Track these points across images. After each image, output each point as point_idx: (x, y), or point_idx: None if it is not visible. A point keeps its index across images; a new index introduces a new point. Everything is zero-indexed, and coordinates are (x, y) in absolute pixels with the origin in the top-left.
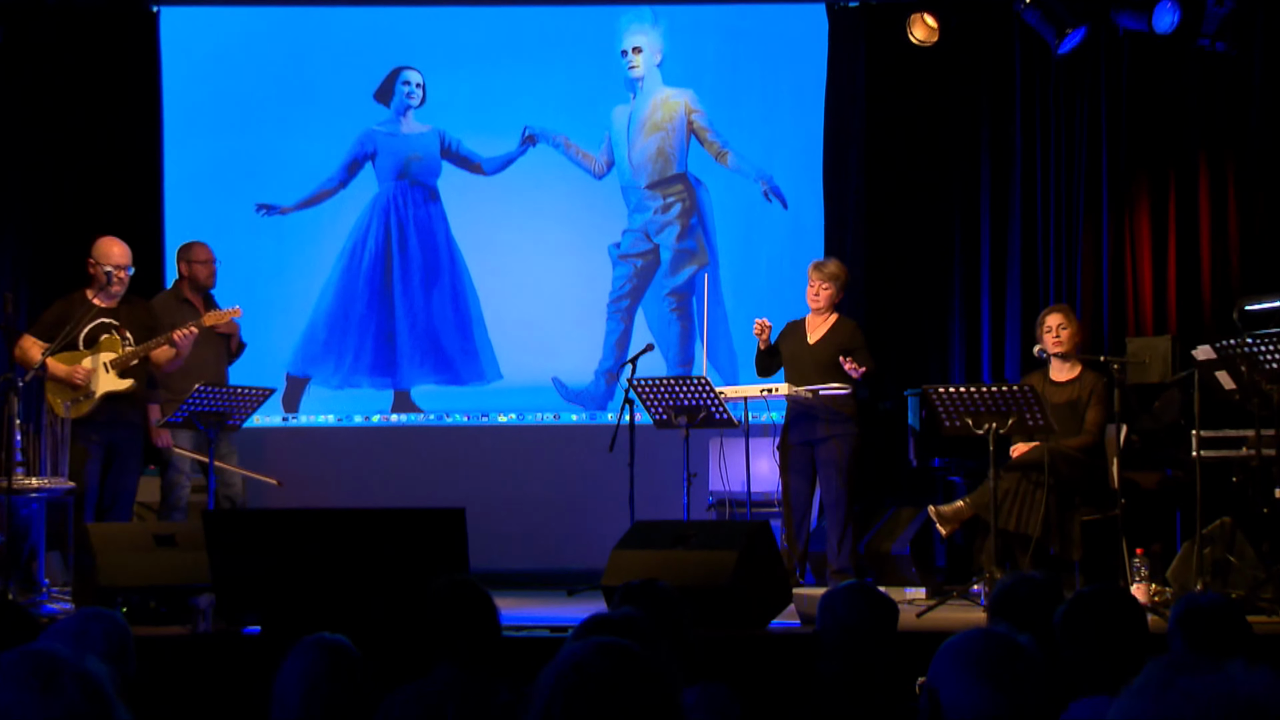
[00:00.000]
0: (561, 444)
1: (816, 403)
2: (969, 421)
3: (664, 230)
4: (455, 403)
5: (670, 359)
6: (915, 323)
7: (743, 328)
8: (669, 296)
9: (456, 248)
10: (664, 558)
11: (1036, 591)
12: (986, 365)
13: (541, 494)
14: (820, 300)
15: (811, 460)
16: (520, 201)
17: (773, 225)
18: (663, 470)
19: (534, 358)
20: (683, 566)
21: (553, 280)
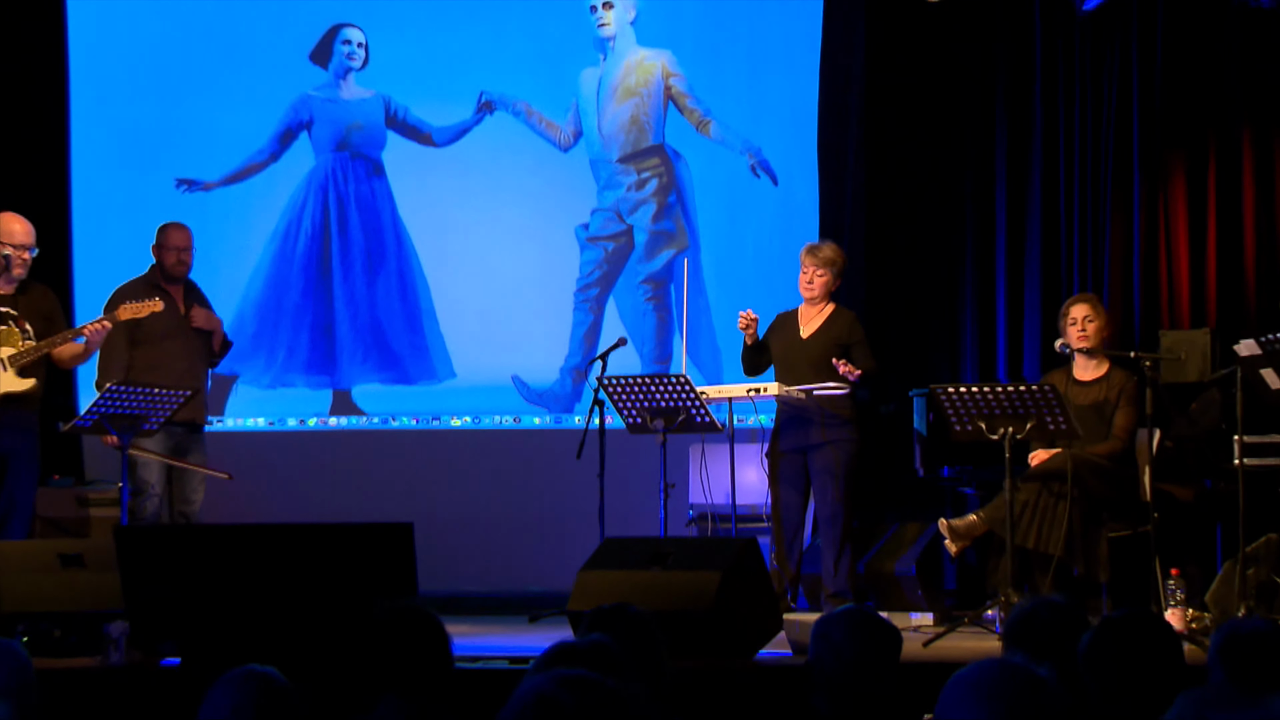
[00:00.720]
0: (522, 451)
1: (810, 404)
2: (982, 425)
3: (638, 209)
4: (402, 404)
5: (645, 355)
6: (921, 314)
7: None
8: (644, 284)
9: (404, 229)
10: (638, 579)
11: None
12: (1002, 362)
13: (499, 507)
14: (814, 289)
15: (804, 469)
16: (476, 177)
17: (761, 204)
18: (637, 480)
19: (491, 354)
20: (659, 589)
21: (512, 266)
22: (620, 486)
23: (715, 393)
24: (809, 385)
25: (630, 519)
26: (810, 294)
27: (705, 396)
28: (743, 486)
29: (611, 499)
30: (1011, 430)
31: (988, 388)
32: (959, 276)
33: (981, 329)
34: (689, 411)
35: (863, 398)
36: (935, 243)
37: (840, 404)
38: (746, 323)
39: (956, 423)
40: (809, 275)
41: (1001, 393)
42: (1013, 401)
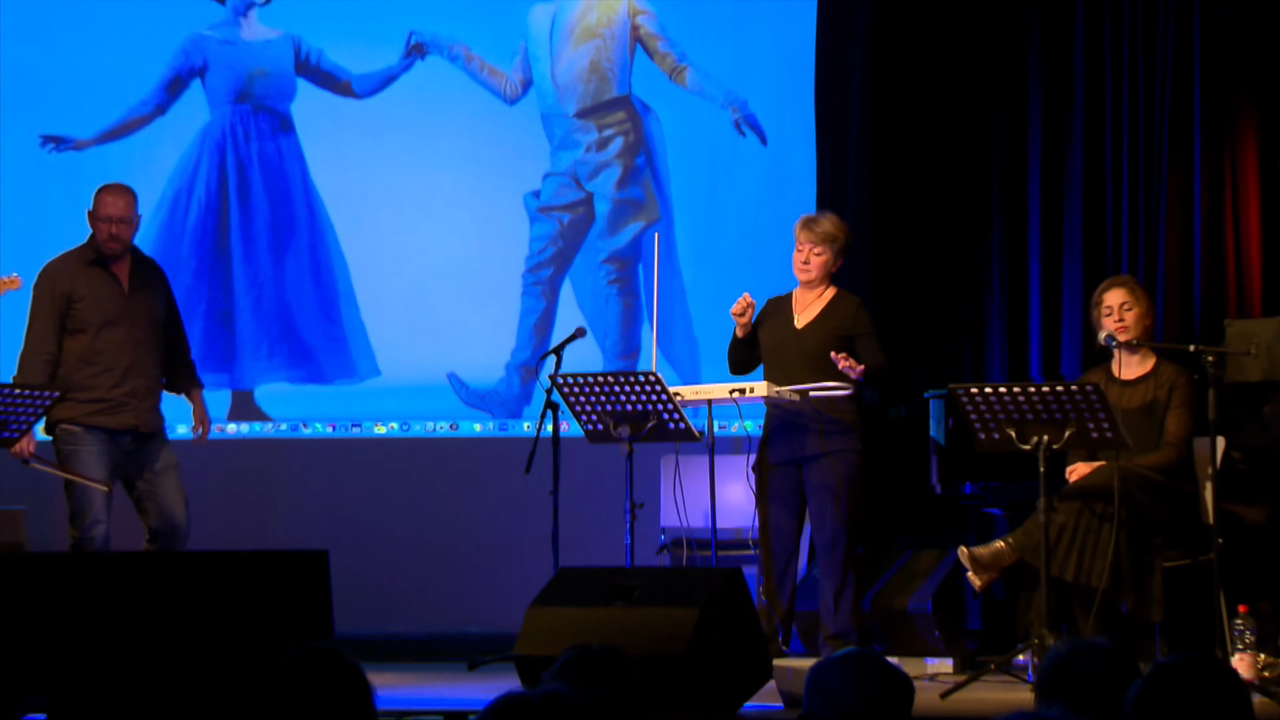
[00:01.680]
0: (460, 463)
1: (806, 408)
2: (1012, 433)
3: (599, 174)
4: (316, 407)
5: (608, 349)
6: (939, 301)
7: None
8: (606, 264)
9: (317, 197)
10: (598, 618)
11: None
12: (1035, 358)
13: (432, 531)
14: (811, 269)
15: (799, 485)
16: (404, 135)
17: (747, 168)
18: (597, 499)
19: (423, 347)
20: (624, 629)
21: (448, 242)
22: (578, 506)
23: (692, 394)
24: (804, 385)
25: (590, 545)
26: (806, 276)
27: (680, 398)
28: (725, 506)
29: (567, 521)
30: (1047, 439)
31: (1018, 388)
32: (984, 256)
33: (1011, 319)
34: (660, 416)
35: (869, 400)
36: (956, 216)
37: (842, 407)
38: (743, 308)
39: (981, 430)
40: (805, 253)
41: (1035, 394)
42: (1048, 404)
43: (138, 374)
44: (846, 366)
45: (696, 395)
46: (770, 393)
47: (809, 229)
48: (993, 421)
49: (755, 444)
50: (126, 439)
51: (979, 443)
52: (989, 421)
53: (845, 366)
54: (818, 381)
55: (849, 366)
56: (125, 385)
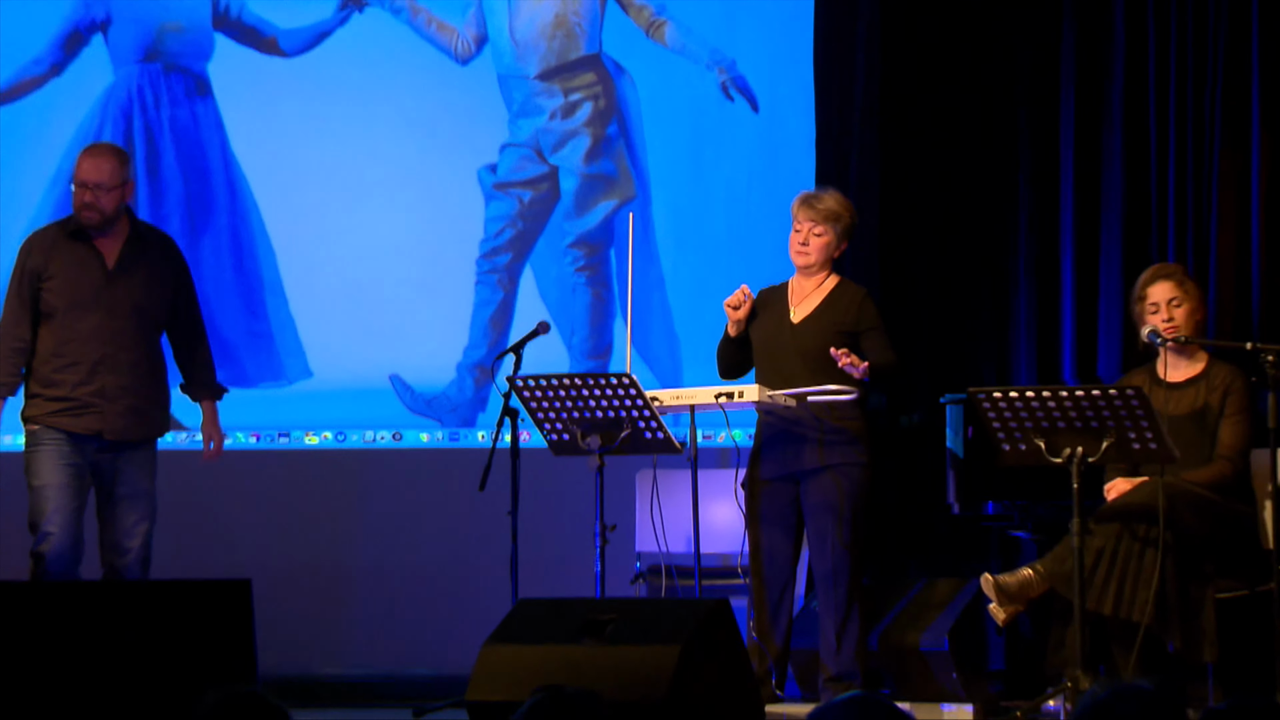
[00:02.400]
0: (405, 479)
1: (804, 414)
2: (1041, 444)
3: (565, 145)
4: (239, 414)
5: (576, 346)
6: (957, 293)
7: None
8: (574, 248)
9: (238, 170)
10: (564, 657)
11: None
12: (1068, 358)
13: (373, 557)
14: (811, 253)
15: (796, 504)
16: (339, 99)
17: (736, 138)
18: (563, 520)
19: (362, 345)
20: (594, 670)
21: (391, 224)
22: (540, 528)
23: (672, 399)
24: (802, 388)
25: (554, 573)
26: (805, 260)
27: (659, 404)
28: (710, 528)
29: (527, 545)
30: (1081, 451)
31: (1048, 392)
32: (1009, 242)
33: (1040, 314)
34: (636, 425)
35: (877, 406)
36: (977, 195)
37: (845, 414)
38: (739, 301)
39: (1005, 440)
40: (803, 234)
41: (1067, 399)
42: (1083, 411)
43: (110, 370)
44: (848, 364)
45: (677, 400)
46: (762, 397)
47: (808, 206)
48: (1019, 431)
49: (745, 457)
50: (92, 446)
51: (1003, 455)
52: (1015, 431)
53: (847, 364)
54: (817, 384)
55: (851, 364)
56: (93, 383)
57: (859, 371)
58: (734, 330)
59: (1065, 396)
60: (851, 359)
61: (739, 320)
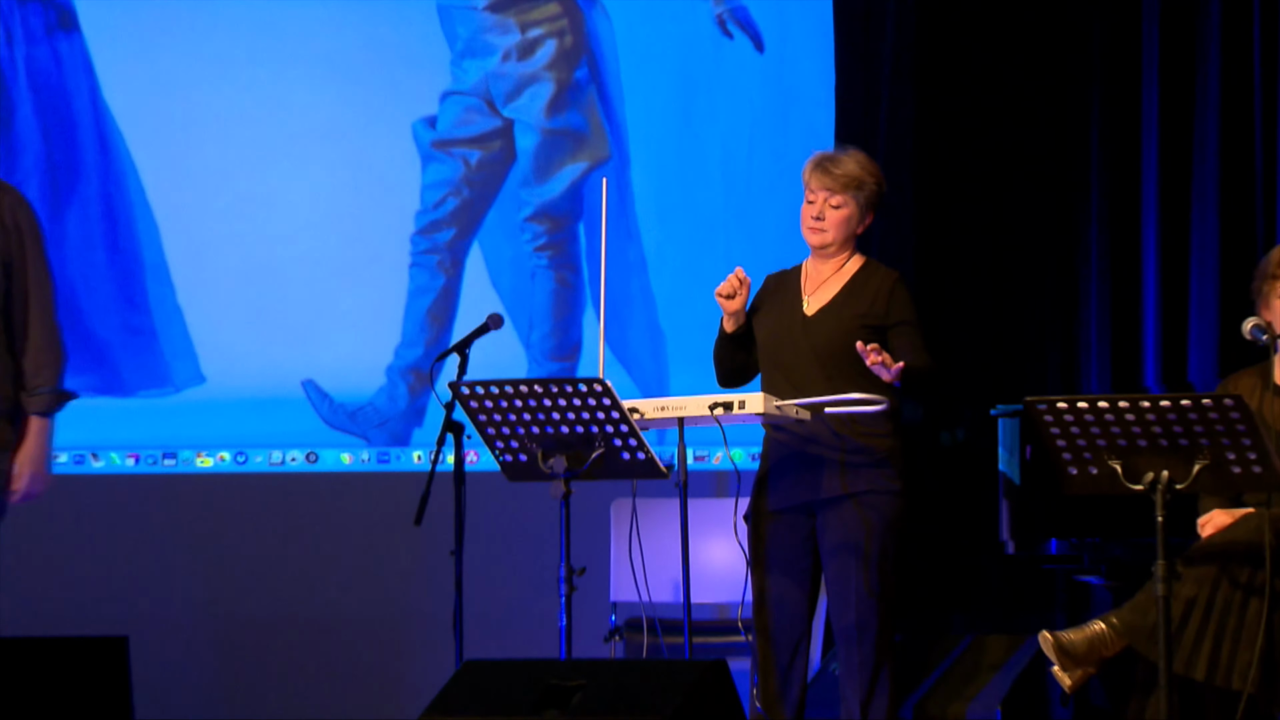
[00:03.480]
0: (321, 510)
1: (821, 430)
2: (1117, 467)
3: (523, 93)
4: (112, 430)
5: (536, 344)
6: (1012, 282)
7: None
8: (533, 223)
9: (112, 125)
10: None
11: None
12: (1150, 361)
13: (282, 605)
14: (828, 229)
15: (811, 542)
16: (239, 36)
17: (736, 85)
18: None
19: (268, 344)
20: None
21: (304, 192)
22: (492, 572)
23: (656, 410)
24: (819, 397)
25: (508, 627)
26: (821, 238)
27: (639, 416)
28: (703, 572)
29: (475, 593)
30: (1168, 475)
31: (1125, 402)
32: (1076, 219)
33: (1116, 309)
34: (610, 443)
35: (912, 419)
36: (1036, 169)
37: (873, 429)
38: (733, 289)
39: (1072, 463)
40: (818, 206)
41: (1150, 410)
42: (1170, 425)
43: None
44: (878, 364)
45: (663, 412)
46: (769, 408)
47: (824, 171)
48: (1089, 450)
49: (748, 483)
50: None
51: (1068, 481)
52: (1083, 450)
53: (876, 364)
54: (837, 391)
55: (881, 364)
56: None
57: (890, 374)
58: (730, 325)
59: (1147, 408)
60: (883, 356)
61: (735, 313)
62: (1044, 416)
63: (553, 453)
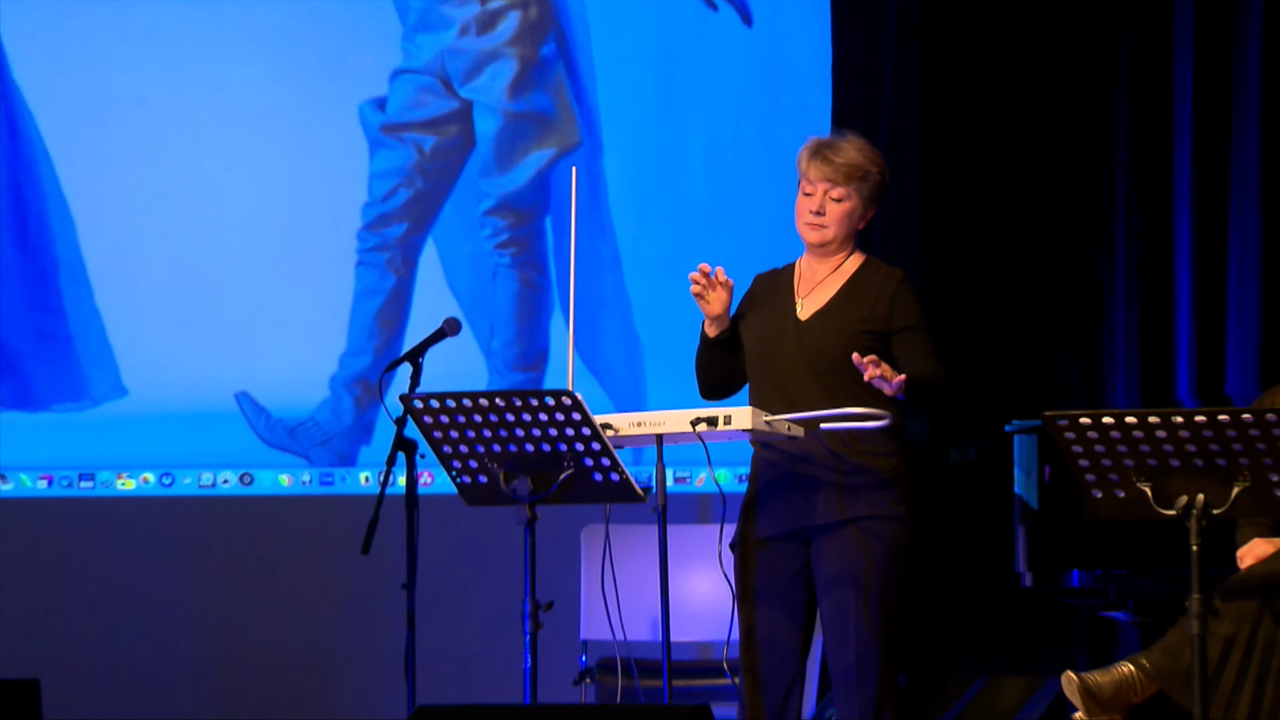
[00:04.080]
0: (257, 537)
1: (816, 448)
2: (1146, 489)
3: (482, 72)
4: (22, 449)
5: (498, 353)
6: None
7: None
8: (495, 217)
9: (22, 108)
10: None
11: None
12: (1184, 372)
13: (215, 646)
14: (827, 225)
15: (806, 574)
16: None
17: (721, 63)
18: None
19: (197, 352)
20: None
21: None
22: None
23: (632, 426)
24: (813, 411)
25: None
26: (820, 236)
27: (613, 433)
28: (684, 608)
29: (429, 630)
30: (1204, 499)
31: (1156, 418)
32: (1102, 217)
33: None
34: (581, 463)
35: (918, 436)
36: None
37: (875, 447)
38: (703, 286)
39: (1096, 484)
40: (816, 199)
41: (1184, 426)
42: (1205, 443)
43: None
44: (877, 377)
45: (639, 429)
46: (758, 424)
47: (823, 160)
48: (1115, 471)
49: (735, 507)
50: None
51: (1092, 505)
52: (1109, 471)
53: (875, 376)
54: (834, 404)
55: (877, 373)
56: None
57: (892, 387)
58: (713, 329)
59: (1180, 423)
60: (883, 368)
61: (715, 314)
62: (1065, 433)
63: (516, 474)
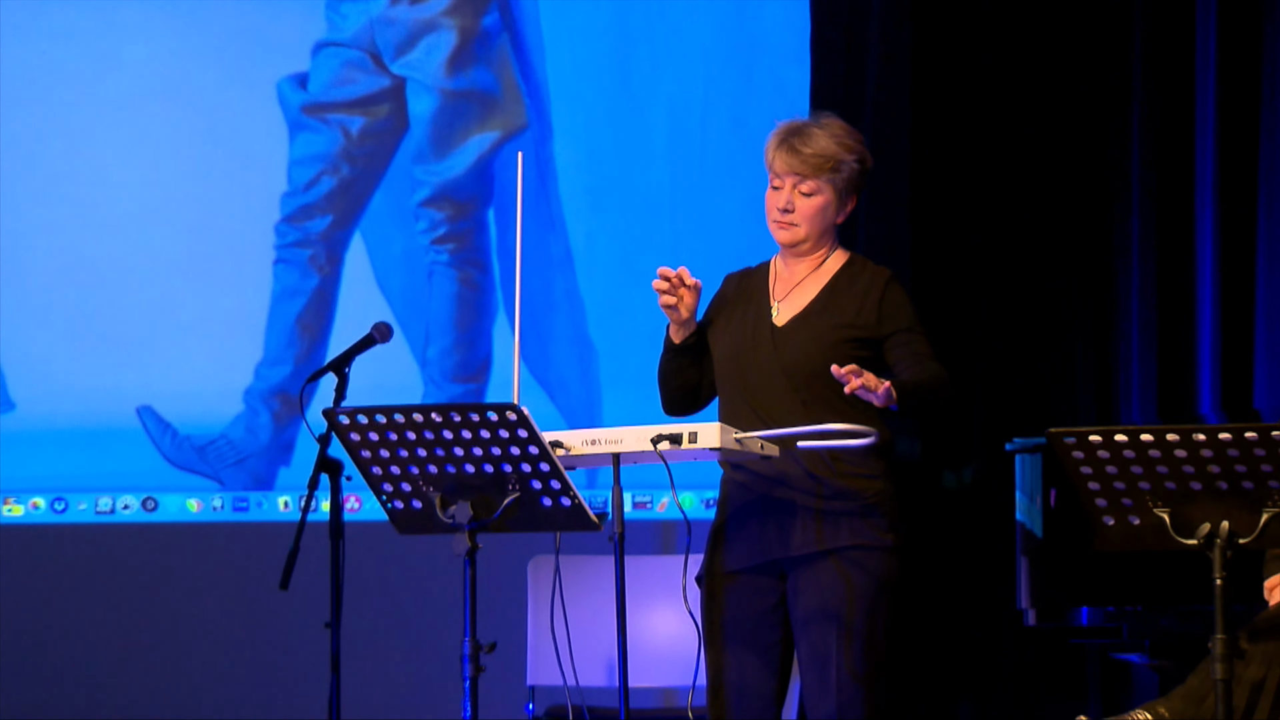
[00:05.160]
0: (163, 570)
1: (793, 469)
2: (1165, 516)
3: (416, 45)
4: None
5: (434, 361)
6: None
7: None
8: (431, 208)
9: None
10: None
11: None
12: (1206, 385)
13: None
14: (798, 225)
15: (781, 611)
16: None
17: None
18: (411, 635)
19: (93, 361)
20: None
21: (138, 170)
22: (377, 648)
23: (584, 443)
24: (790, 428)
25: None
26: (791, 236)
27: (564, 452)
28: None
29: (356, 674)
30: (1228, 526)
31: (1174, 435)
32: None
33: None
34: (528, 485)
35: (908, 455)
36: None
37: (859, 468)
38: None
39: (1108, 510)
40: (784, 195)
41: (1206, 444)
42: (1230, 463)
43: None
44: (857, 384)
45: (593, 448)
46: (727, 441)
47: (790, 150)
48: (1129, 495)
49: (701, 536)
50: None
51: (1104, 534)
52: (1122, 495)
53: (857, 387)
54: (813, 420)
55: (860, 384)
56: None
57: (880, 398)
58: (678, 336)
59: (1202, 441)
60: (865, 378)
61: (680, 318)
62: (1073, 452)
63: (455, 498)
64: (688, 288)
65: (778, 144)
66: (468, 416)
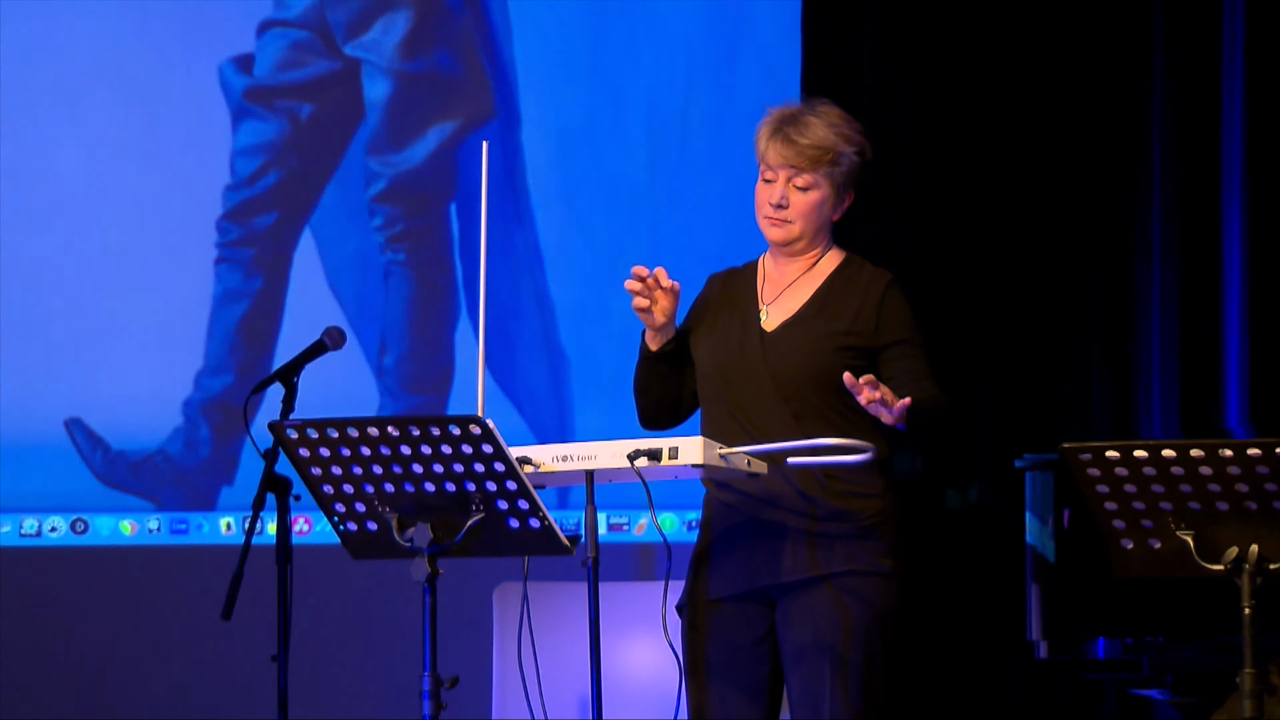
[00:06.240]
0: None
1: (782, 488)
2: (1188, 539)
3: (372, 25)
4: None
5: (391, 370)
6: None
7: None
8: (386, 204)
9: None
10: None
11: None
12: (1234, 398)
13: None
14: (793, 223)
15: (770, 642)
16: None
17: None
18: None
19: (18, 371)
20: None
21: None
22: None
23: (555, 459)
24: (781, 443)
25: None
26: (785, 233)
27: (532, 468)
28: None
29: (305, 712)
30: (1257, 550)
31: (1199, 450)
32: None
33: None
34: (493, 505)
35: (908, 473)
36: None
37: (855, 486)
38: (645, 287)
39: (1126, 532)
40: (777, 190)
41: (1233, 460)
42: (1259, 482)
43: None
44: (875, 402)
45: (565, 464)
46: (710, 457)
47: (784, 140)
48: (1149, 516)
49: (682, 560)
50: None
51: (1121, 559)
52: (1141, 516)
53: (873, 401)
54: (805, 434)
55: (879, 402)
56: None
57: (894, 414)
58: (654, 342)
59: (1229, 457)
60: (882, 391)
61: (659, 325)
62: (1088, 469)
63: (413, 519)
64: (664, 290)
65: (771, 133)
66: (427, 430)
